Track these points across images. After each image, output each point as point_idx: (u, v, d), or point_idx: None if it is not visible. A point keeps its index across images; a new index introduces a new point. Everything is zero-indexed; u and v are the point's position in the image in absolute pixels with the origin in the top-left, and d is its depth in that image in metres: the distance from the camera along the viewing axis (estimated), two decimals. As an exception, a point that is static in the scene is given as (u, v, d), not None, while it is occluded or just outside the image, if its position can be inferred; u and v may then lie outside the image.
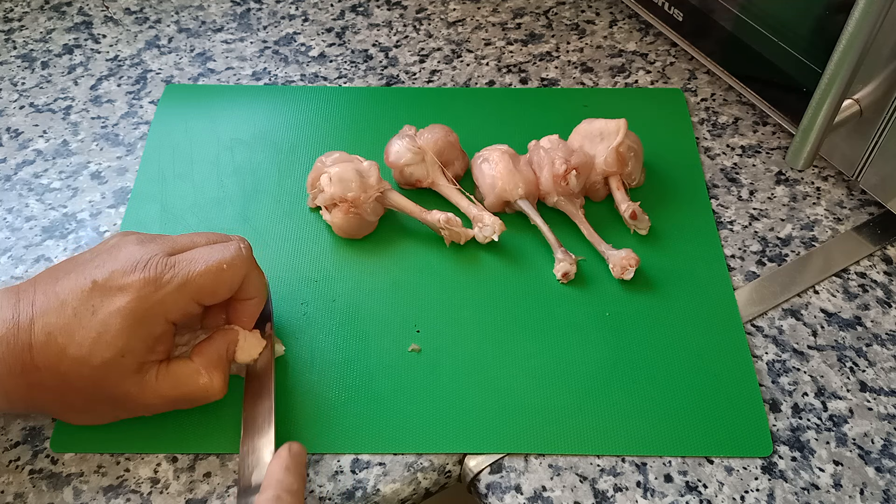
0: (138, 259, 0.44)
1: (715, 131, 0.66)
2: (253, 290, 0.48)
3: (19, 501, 0.47)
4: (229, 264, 0.45)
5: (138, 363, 0.44)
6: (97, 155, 0.64)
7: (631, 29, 0.75)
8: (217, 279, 0.45)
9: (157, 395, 0.45)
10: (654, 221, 0.59)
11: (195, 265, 0.45)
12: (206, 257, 0.45)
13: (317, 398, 0.50)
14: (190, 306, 0.45)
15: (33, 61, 0.72)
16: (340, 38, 0.74)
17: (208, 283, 0.45)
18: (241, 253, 0.46)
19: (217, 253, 0.45)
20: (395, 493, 0.48)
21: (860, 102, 0.54)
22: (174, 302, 0.44)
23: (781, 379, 0.52)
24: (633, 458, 0.48)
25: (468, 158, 0.62)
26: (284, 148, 0.64)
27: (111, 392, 0.44)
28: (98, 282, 0.43)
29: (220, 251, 0.46)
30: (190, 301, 0.45)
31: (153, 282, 0.43)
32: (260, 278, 0.48)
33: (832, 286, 0.57)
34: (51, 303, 0.43)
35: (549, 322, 0.54)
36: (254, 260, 0.48)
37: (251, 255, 0.47)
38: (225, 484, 0.47)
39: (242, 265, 0.46)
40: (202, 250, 0.46)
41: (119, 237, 0.47)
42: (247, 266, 0.46)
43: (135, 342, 0.43)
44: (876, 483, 0.48)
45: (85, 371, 0.43)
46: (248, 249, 0.47)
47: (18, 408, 0.48)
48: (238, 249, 0.46)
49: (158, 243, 0.46)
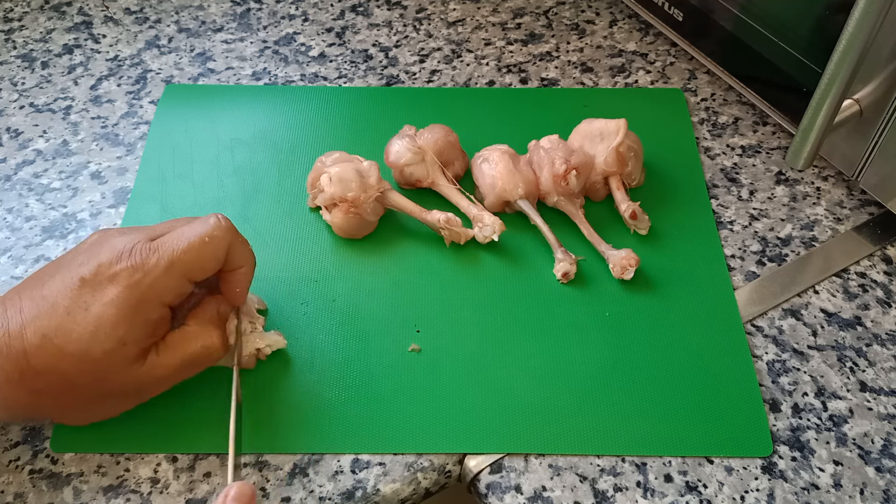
0: (121, 249, 0.44)
1: (715, 131, 0.66)
2: (240, 259, 0.48)
3: (19, 501, 0.47)
4: (211, 236, 0.45)
5: (140, 349, 0.44)
6: (97, 155, 0.64)
7: (631, 29, 0.75)
8: (202, 253, 0.45)
9: (161, 368, 0.45)
10: (654, 221, 0.59)
11: (178, 243, 0.45)
12: (188, 234, 0.45)
13: (317, 398, 0.50)
14: (182, 286, 0.45)
15: (33, 61, 0.72)
16: (340, 38, 0.74)
17: (194, 258, 0.45)
18: (220, 224, 0.46)
19: (197, 228, 0.46)
20: (395, 493, 0.48)
21: (860, 102, 0.54)
22: (165, 284, 0.44)
23: (781, 379, 0.52)
24: (633, 458, 0.48)
25: (468, 158, 0.62)
26: (284, 148, 0.64)
27: (117, 381, 0.44)
28: (86, 278, 0.43)
29: (199, 226, 0.46)
30: (180, 280, 0.45)
31: (140, 268, 0.44)
32: (244, 246, 0.48)
33: (832, 286, 0.57)
34: (40, 307, 0.43)
35: (549, 322, 0.54)
36: (235, 230, 0.47)
37: (231, 226, 0.47)
38: (225, 484, 0.47)
39: (224, 235, 0.46)
40: (182, 229, 0.46)
41: (98, 234, 0.47)
42: (229, 235, 0.46)
43: (134, 329, 0.43)
44: (876, 483, 0.48)
45: (88, 366, 0.43)
46: (228, 220, 0.47)
47: (19, 416, 0.48)
48: (217, 221, 0.46)
49: (138, 232, 0.46)
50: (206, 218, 0.47)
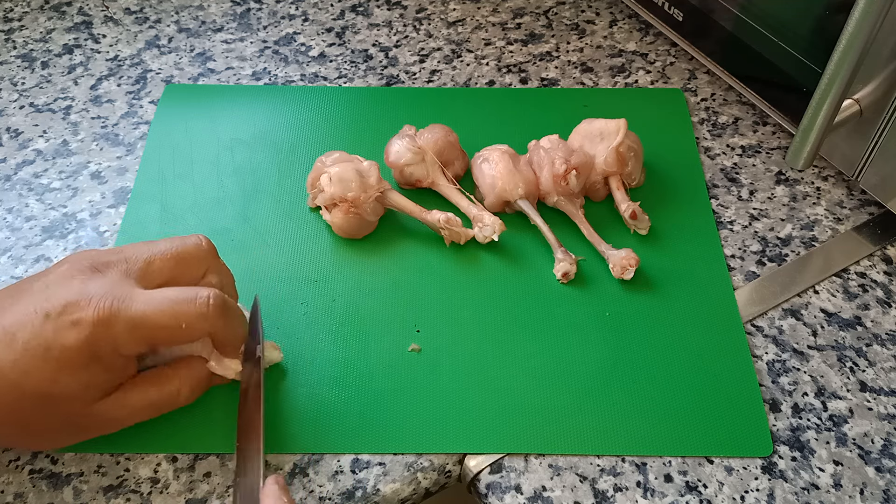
0: (93, 292, 0.41)
1: (715, 131, 0.66)
2: (224, 341, 0.46)
3: (19, 501, 0.47)
4: (188, 324, 0.42)
5: (103, 391, 0.43)
6: (97, 155, 0.64)
7: (631, 29, 0.75)
8: (173, 333, 0.42)
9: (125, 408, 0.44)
10: (654, 221, 0.59)
11: (154, 314, 0.41)
12: (167, 309, 0.42)
13: (317, 398, 0.50)
14: (145, 347, 0.43)
15: (33, 61, 0.72)
16: (340, 38, 0.74)
17: (164, 334, 0.42)
18: (206, 313, 0.42)
19: (180, 306, 0.42)
20: (395, 493, 0.48)
21: (860, 102, 0.54)
22: (127, 343, 0.42)
23: (781, 379, 0.52)
24: (633, 458, 0.48)
25: (468, 158, 0.62)
26: (284, 148, 0.64)
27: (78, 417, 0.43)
28: (50, 315, 0.41)
29: (185, 304, 0.42)
30: (144, 344, 0.43)
31: (105, 321, 0.40)
32: (228, 329, 0.45)
33: (832, 286, 0.57)
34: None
35: (549, 322, 0.54)
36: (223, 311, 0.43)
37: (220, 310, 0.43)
38: (225, 484, 0.47)
39: (203, 325, 0.42)
40: (166, 294, 0.42)
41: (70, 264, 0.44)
42: (210, 325, 0.43)
43: (96, 376, 0.42)
44: (876, 483, 0.48)
45: (46, 404, 0.41)
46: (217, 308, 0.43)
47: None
48: (204, 308, 0.42)
49: (114, 269, 0.43)
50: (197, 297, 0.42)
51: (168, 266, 0.45)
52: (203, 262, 0.46)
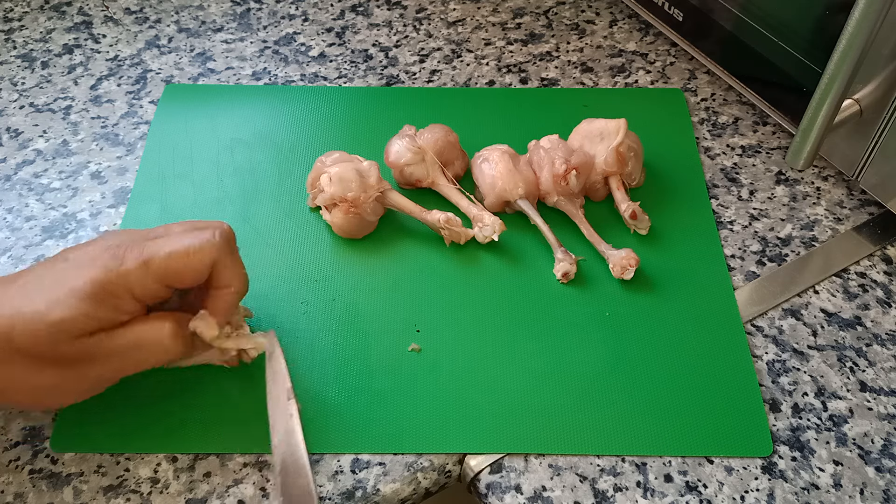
0: (111, 242, 0.45)
1: (715, 131, 0.66)
2: (227, 279, 0.47)
3: (19, 501, 0.47)
4: (196, 250, 0.45)
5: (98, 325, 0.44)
6: (97, 155, 0.64)
7: (631, 29, 0.75)
8: (181, 263, 0.45)
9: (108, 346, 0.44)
10: (654, 221, 0.59)
11: (163, 248, 0.45)
12: (176, 242, 0.45)
13: (317, 398, 0.50)
14: (156, 288, 0.45)
15: (33, 61, 0.72)
16: (340, 38, 0.74)
17: (173, 265, 0.44)
18: (211, 240, 0.46)
19: (186, 239, 0.45)
20: (395, 493, 0.48)
21: (860, 102, 0.54)
22: (137, 279, 0.44)
23: (781, 379, 0.52)
24: (633, 458, 0.48)
25: (468, 158, 0.62)
26: (284, 148, 0.64)
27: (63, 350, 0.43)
28: (69, 257, 0.45)
29: (190, 237, 0.45)
30: (154, 281, 0.44)
31: (120, 258, 0.44)
32: (234, 268, 0.47)
33: (832, 286, 0.57)
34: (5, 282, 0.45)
35: (549, 322, 0.54)
36: (229, 249, 0.47)
37: (226, 244, 0.46)
38: (225, 484, 0.47)
39: (210, 251, 0.45)
40: (174, 236, 0.46)
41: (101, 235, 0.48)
42: (216, 253, 0.46)
43: (100, 308, 0.43)
44: (876, 483, 0.48)
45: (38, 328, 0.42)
46: (224, 237, 0.46)
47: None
48: (210, 237, 0.46)
49: (135, 233, 0.47)
50: (203, 231, 0.46)
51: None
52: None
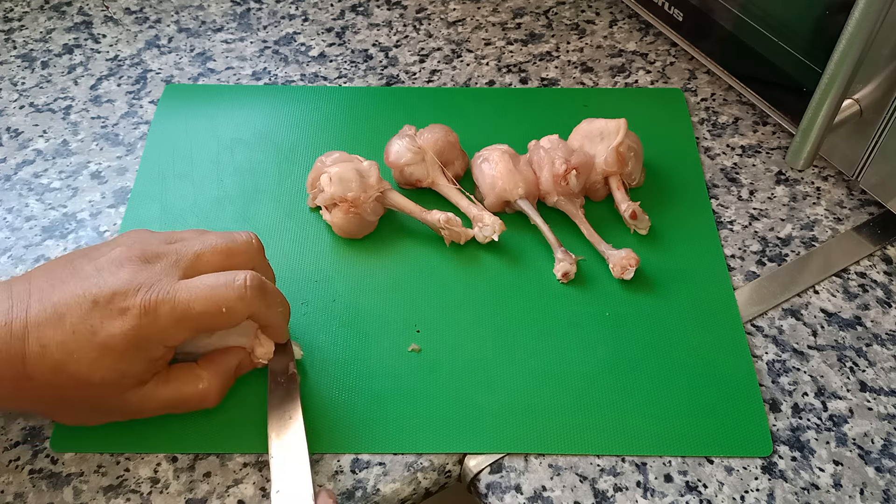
0: (141, 282, 0.43)
1: (715, 131, 0.66)
2: (268, 320, 0.47)
3: (19, 501, 0.47)
4: (229, 308, 0.43)
5: (139, 380, 0.45)
6: (97, 155, 0.64)
7: (631, 29, 0.75)
8: (215, 318, 0.44)
9: (154, 401, 0.45)
10: (654, 221, 0.59)
11: (195, 302, 0.43)
12: (208, 294, 0.43)
13: (317, 398, 0.50)
14: (190, 335, 0.45)
15: (33, 61, 0.72)
16: (340, 38, 0.74)
17: (206, 320, 0.44)
18: (243, 296, 0.44)
19: (219, 291, 0.43)
20: (395, 493, 0.48)
21: (860, 102, 0.54)
22: (172, 334, 0.43)
23: (781, 379, 0.52)
24: (633, 458, 0.48)
25: (468, 158, 0.62)
26: (284, 148, 0.64)
27: (108, 403, 0.45)
28: (99, 302, 0.42)
29: (223, 288, 0.43)
30: (189, 332, 0.44)
31: (151, 311, 0.42)
32: (270, 310, 0.46)
33: (832, 286, 0.57)
34: (47, 313, 0.42)
35: (549, 322, 0.54)
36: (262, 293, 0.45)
37: (257, 294, 0.44)
38: (225, 484, 0.47)
39: (243, 309, 0.44)
40: (207, 281, 0.44)
41: (125, 244, 0.46)
42: (250, 308, 0.44)
43: (135, 365, 0.43)
44: (876, 483, 0.48)
45: (83, 386, 0.43)
46: (256, 290, 0.44)
47: (9, 408, 0.49)
48: (242, 292, 0.44)
49: (164, 260, 0.45)
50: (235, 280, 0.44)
51: (216, 259, 0.46)
52: (251, 260, 0.47)
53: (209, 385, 0.46)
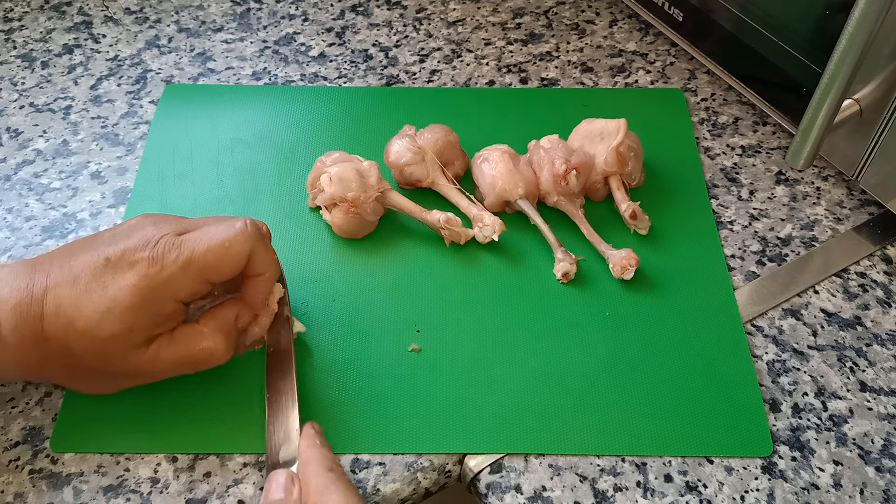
0: (149, 238, 0.45)
1: (715, 131, 0.66)
2: (261, 266, 0.48)
3: (19, 501, 0.47)
4: (231, 241, 0.46)
5: (146, 337, 0.45)
6: (97, 155, 0.64)
7: (631, 29, 0.75)
8: (220, 257, 0.46)
9: (161, 361, 0.46)
10: (654, 221, 0.59)
11: (199, 244, 0.45)
12: (210, 236, 0.46)
13: (317, 398, 0.50)
14: (198, 285, 0.46)
15: (33, 61, 0.72)
16: (340, 38, 0.74)
17: (212, 261, 0.45)
18: (244, 230, 0.46)
19: (221, 231, 0.46)
20: (395, 493, 0.48)
21: (860, 102, 0.54)
22: (180, 282, 0.45)
23: (781, 379, 0.52)
24: (633, 458, 0.48)
25: (468, 158, 0.62)
26: (284, 148, 0.64)
27: (116, 363, 0.45)
28: (111, 259, 0.45)
29: (224, 229, 0.46)
30: (196, 280, 0.45)
31: (159, 260, 0.44)
32: (267, 254, 0.48)
33: (832, 286, 0.57)
34: (64, 276, 0.44)
35: (549, 322, 0.54)
36: (260, 237, 0.48)
37: (257, 233, 0.47)
38: (225, 484, 0.47)
39: (246, 241, 0.46)
40: (208, 229, 0.47)
41: (139, 218, 0.48)
42: (251, 242, 0.47)
43: (143, 318, 0.44)
44: (876, 483, 0.48)
45: (92, 343, 0.44)
46: (255, 227, 0.47)
47: (31, 376, 0.50)
48: (243, 227, 0.47)
49: (171, 223, 0.47)
50: (234, 221, 0.47)
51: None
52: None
53: (214, 341, 0.47)
